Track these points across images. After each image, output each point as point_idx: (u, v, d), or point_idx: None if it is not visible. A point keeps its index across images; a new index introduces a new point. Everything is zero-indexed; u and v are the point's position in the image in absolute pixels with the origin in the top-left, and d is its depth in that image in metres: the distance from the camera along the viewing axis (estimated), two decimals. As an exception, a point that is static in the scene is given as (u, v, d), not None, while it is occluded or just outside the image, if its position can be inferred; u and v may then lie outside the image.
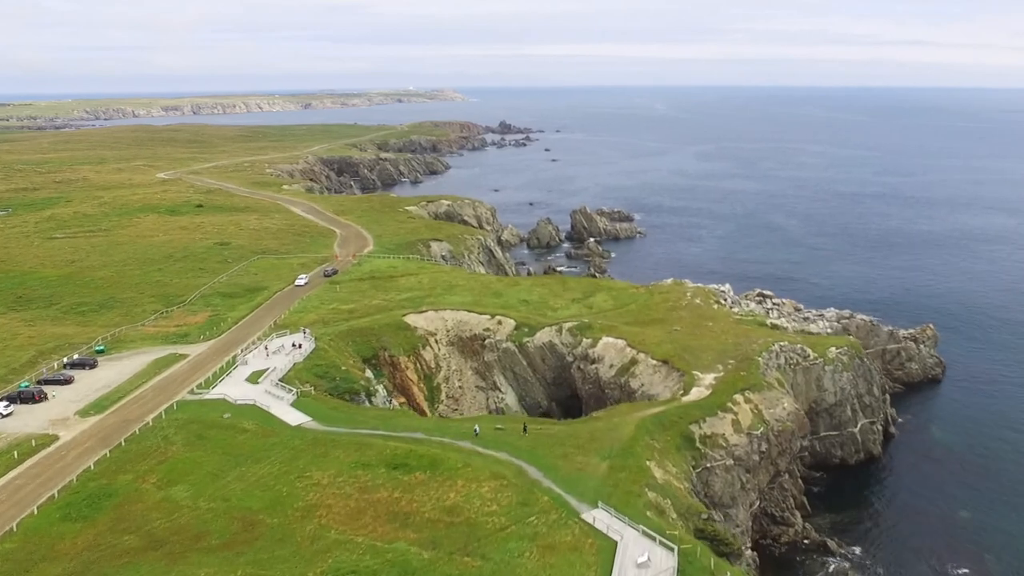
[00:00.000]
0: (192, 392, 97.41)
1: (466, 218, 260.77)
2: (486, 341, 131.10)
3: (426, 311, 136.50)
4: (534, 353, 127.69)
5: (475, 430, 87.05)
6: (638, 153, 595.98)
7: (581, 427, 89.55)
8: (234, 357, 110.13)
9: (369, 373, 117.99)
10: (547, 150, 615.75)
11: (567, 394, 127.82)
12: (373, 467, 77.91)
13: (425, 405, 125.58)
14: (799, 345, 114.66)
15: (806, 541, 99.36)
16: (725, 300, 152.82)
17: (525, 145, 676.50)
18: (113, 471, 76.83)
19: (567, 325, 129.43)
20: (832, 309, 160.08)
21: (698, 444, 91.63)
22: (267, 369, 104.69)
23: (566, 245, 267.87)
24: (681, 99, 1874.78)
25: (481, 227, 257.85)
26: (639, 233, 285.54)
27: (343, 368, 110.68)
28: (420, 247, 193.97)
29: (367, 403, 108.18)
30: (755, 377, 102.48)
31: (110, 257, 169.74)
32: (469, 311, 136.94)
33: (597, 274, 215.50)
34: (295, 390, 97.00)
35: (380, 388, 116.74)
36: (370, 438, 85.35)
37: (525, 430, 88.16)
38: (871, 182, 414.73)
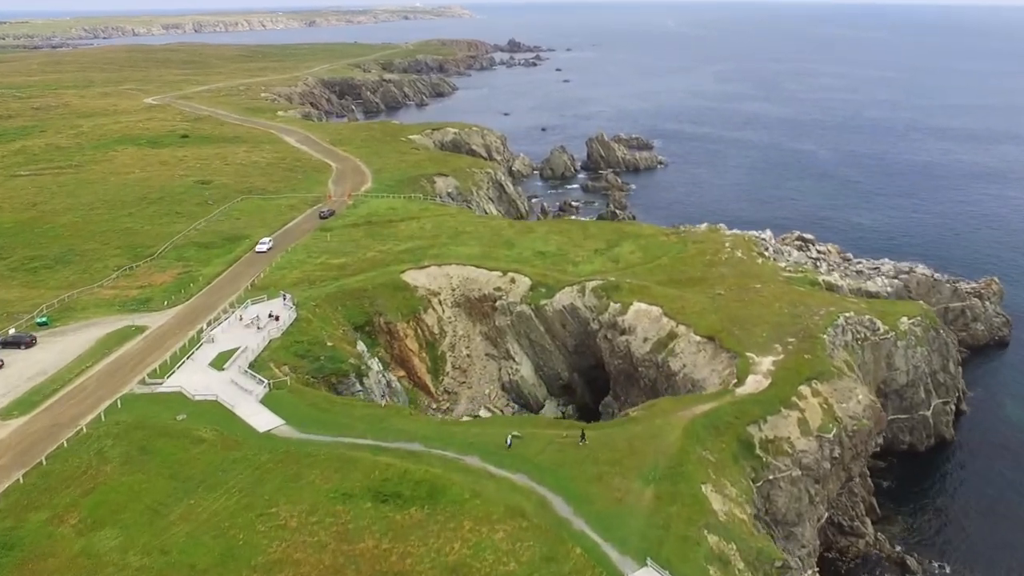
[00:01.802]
0: (143, 383, 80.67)
1: (474, 147, 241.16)
2: (497, 303, 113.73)
3: (428, 266, 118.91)
4: (553, 318, 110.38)
5: (507, 440, 70.19)
6: (653, 72, 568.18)
7: (616, 433, 72.62)
8: (199, 332, 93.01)
9: (361, 346, 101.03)
10: (558, 70, 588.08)
11: (591, 363, 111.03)
12: (356, 499, 61.32)
13: (428, 379, 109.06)
14: (867, 316, 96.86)
15: (879, 554, 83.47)
16: (767, 250, 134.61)
17: (535, 65, 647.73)
18: (24, 506, 60.38)
19: (591, 284, 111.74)
20: (887, 260, 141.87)
21: (758, 451, 74.85)
22: (237, 349, 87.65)
23: (582, 176, 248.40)
24: (695, 16, 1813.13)
25: (491, 157, 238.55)
26: (660, 163, 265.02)
27: (329, 344, 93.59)
28: (424, 183, 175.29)
29: (358, 386, 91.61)
30: (822, 361, 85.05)
31: (77, 199, 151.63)
32: (478, 266, 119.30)
33: (617, 211, 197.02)
34: (266, 381, 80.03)
35: (374, 363, 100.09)
36: (355, 451, 68.70)
37: (583, 438, 71.23)
38: (903, 106, 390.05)
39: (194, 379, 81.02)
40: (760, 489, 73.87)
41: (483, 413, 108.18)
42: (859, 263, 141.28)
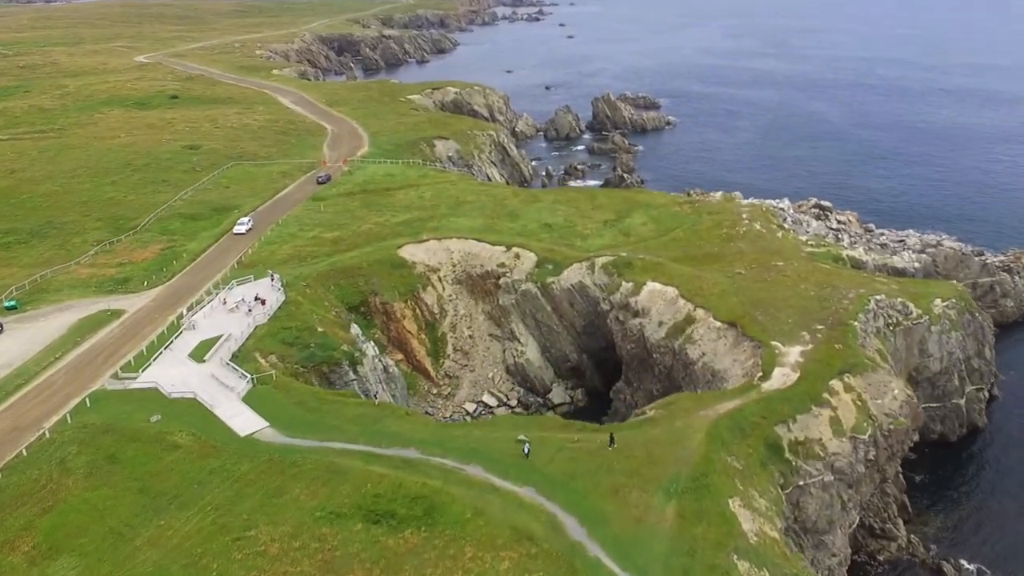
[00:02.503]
0: (116, 377, 74.00)
1: (476, 108, 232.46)
2: (501, 280, 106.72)
3: (427, 240, 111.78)
4: (560, 297, 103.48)
5: (525, 449, 63.40)
6: (659, 28, 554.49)
7: (633, 437, 65.98)
8: (180, 317, 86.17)
9: (355, 329, 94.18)
10: (562, 25, 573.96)
11: (601, 345, 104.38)
12: (345, 519, 54.88)
13: (427, 362, 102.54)
14: (899, 300, 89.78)
15: (912, 558, 77.43)
16: (785, 221, 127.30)
17: (538, 20, 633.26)
18: (-27, 531, 54.07)
19: (600, 260, 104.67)
20: (912, 232, 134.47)
21: (788, 454, 68.36)
22: (219, 338, 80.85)
23: (587, 137, 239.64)
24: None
25: (493, 118, 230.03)
26: (668, 124, 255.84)
27: (319, 330, 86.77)
28: (423, 147, 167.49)
29: (352, 374, 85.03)
30: (854, 352, 78.19)
31: (58, 166, 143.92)
32: (480, 240, 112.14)
33: (625, 175, 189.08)
34: (249, 376, 73.27)
35: (370, 347, 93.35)
36: (345, 458, 62.20)
37: (612, 442, 64.76)
38: (918, 64, 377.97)
39: (171, 373, 74.33)
40: (789, 496, 67.56)
41: (487, 398, 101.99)
42: (882, 234, 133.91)
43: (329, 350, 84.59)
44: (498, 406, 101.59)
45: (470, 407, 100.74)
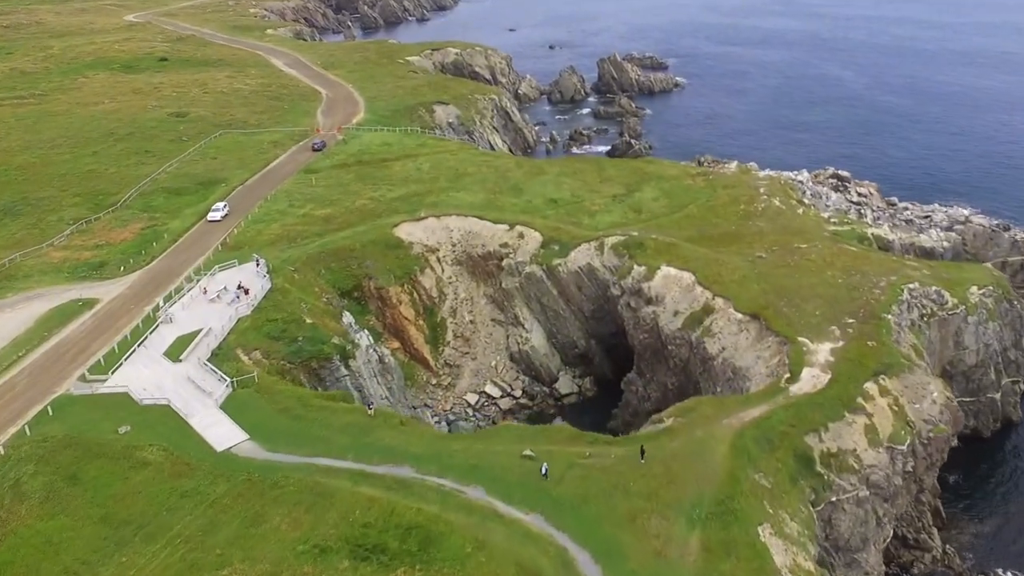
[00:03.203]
0: (83, 379, 67.70)
1: (477, 69, 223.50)
2: (504, 262, 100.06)
3: (425, 218, 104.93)
4: (567, 280, 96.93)
5: (542, 470, 57.05)
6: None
7: (650, 451, 59.63)
8: (156, 308, 79.66)
9: (348, 317, 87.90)
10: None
11: (611, 330, 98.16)
12: (331, 554, 48.85)
13: (426, 350, 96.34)
14: (933, 288, 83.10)
15: (947, 571, 71.73)
16: (804, 195, 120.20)
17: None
18: (-90, 571, 48.12)
19: (610, 240, 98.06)
20: (937, 206, 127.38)
21: (819, 467, 62.36)
22: (198, 333, 74.45)
23: (593, 99, 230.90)
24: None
25: (495, 81, 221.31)
26: (676, 85, 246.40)
27: (308, 321, 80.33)
28: (422, 113, 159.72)
29: (343, 370, 78.83)
30: (890, 350, 71.72)
31: (37, 135, 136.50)
32: (481, 218, 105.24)
33: (632, 140, 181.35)
34: (228, 380, 66.93)
35: (363, 337, 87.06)
36: (332, 478, 56.13)
37: (643, 455, 58.63)
38: (933, 23, 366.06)
39: (144, 374, 68.07)
40: (820, 512, 61.65)
41: (489, 388, 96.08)
42: (906, 209, 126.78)
43: (318, 344, 78.22)
44: (501, 397, 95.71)
45: (472, 398, 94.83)
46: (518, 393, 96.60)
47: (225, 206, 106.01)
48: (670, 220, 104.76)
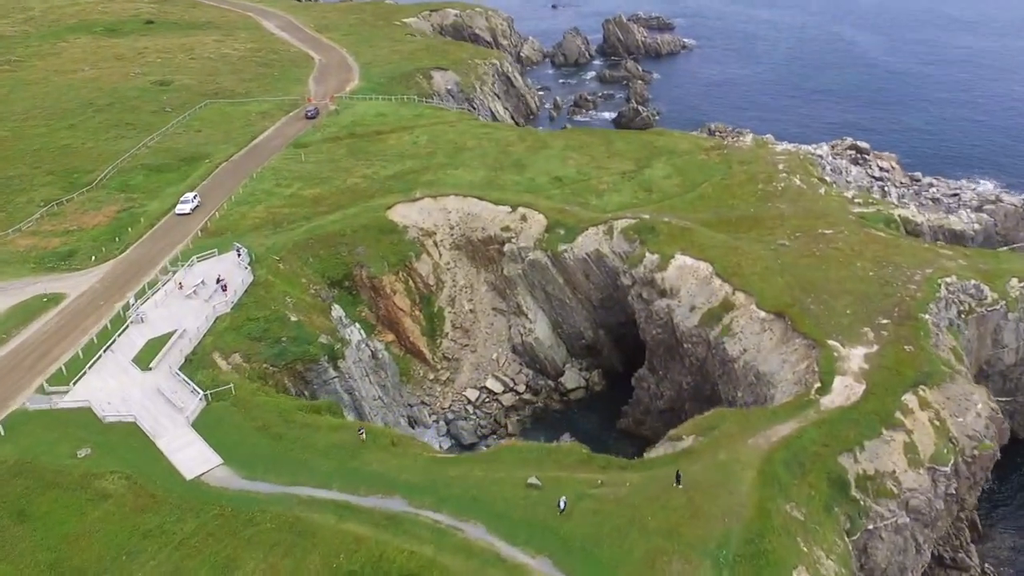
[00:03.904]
0: (42, 391, 61.44)
1: (478, 31, 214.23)
2: (505, 247, 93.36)
3: (421, 198, 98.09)
4: (574, 267, 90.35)
5: (560, 503, 50.85)
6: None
7: (668, 477, 53.54)
8: (127, 305, 73.10)
9: (337, 311, 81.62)
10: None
11: (620, 320, 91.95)
12: (310, 612, 42.93)
13: (423, 342, 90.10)
14: (972, 282, 76.41)
15: (987, 592, 66.19)
16: (824, 171, 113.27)
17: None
18: None
19: (620, 224, 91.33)
20: (963, 183, 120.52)
21: (854, 491, 56.25)
22: (171, 335, 68.03)
23: (598, 63, 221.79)
24: None
25: (496, 43, 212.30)
26: (683, 47, 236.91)
27: (293, 319, 73.94)
28: (419, 79, 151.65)
29: (331, 371, 72.76)
30: (929, 357, 65.24)
31: (9, 107, 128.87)
32: (481, 198, 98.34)
33: (640, 106, 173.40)
34: (202, 393, 60.64)
35: (355, 331, 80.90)
36: (314, 511, 50.12)
37: (679, 480, 52.64)
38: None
39: (110, 385, 61.84)
40: (856, 542, 55.71)
41: (491, 383, 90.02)
42: (931, 185, 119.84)
43: (304, 344, 71.93)
44: (504, 392, 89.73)
45: (472, 394, 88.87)
46: (521, 388, 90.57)
47: (195, 197, 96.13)
48: (683, 201, 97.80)
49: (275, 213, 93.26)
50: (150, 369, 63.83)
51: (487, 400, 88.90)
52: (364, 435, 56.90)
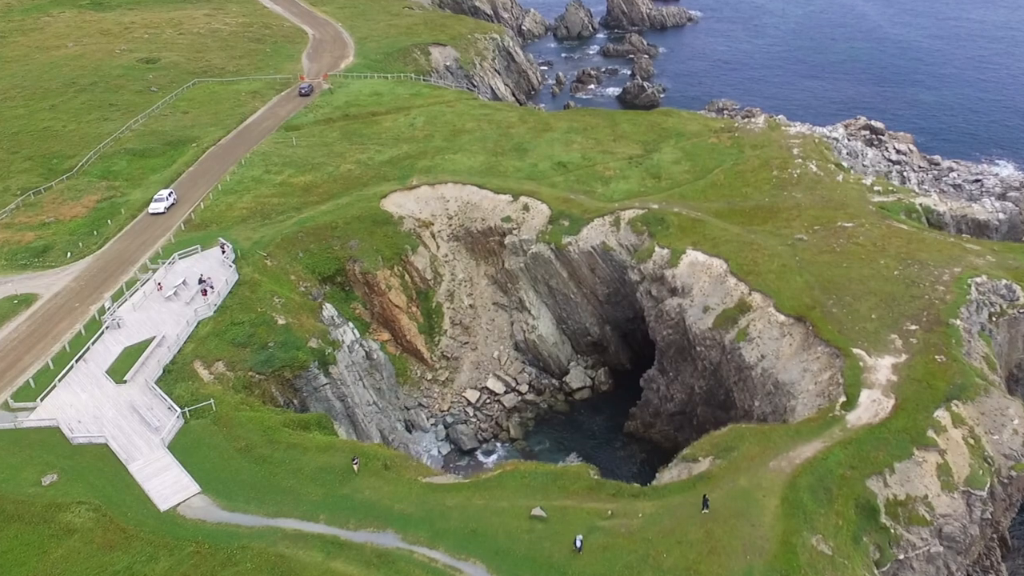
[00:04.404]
0: (7, 408, 57.02)
1: (478, 4, 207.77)
2: (506, 239, 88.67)
3: (418, 186, 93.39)
4: (579, 261, 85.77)
5: (576, 542, 46.40)
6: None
7: (684, 507, 49.36)
8: (103, 309, 68.54)
9: (329, 310, 77.13)
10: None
11: (628, 316, 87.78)
12: (291, 673, 38.77)
13: (420, 341, 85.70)
14: (1003, 281, 71.66)
15: (1017, 613, 62.24)
16: (840, 153, 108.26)
17: None
18: None
19: (627, 214, 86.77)
20: (984, 166, 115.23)
21: (884, 519, 52.01)
22: (149, 342, 63.53)
23: (602, 36, 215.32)
24: None
25: (497, 16, 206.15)
26: (689, 20, 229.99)
27: (281, 323, 69.39)
28: (417, 55, 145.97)
29: (322, 378, 68.38)
30: (962, 367, 60.70)
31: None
32: (481, 186, 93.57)
33: (644, 82, 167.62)
34: (179, 410, 56.21)
35: (348, 331, 76.58)
36: (299, 547, 45.96)
37: (706, 504, 48.63)
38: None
39: (81, 400, 57.43)
40: (885, 572, 51.55)
41: (492, 383, 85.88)
42: (950, 170, 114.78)
43: (292, 350, 67.42)
44: (505, 392, 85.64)
45: (472, 395, 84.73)
46: (524, 388, 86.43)
47: (171, 194, 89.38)
48: (694, 189, 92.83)
49: (263, 203, 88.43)
50: (125, 382, 59.37)
51: (488, 401, 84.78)
52: (358, 465, 52.36)
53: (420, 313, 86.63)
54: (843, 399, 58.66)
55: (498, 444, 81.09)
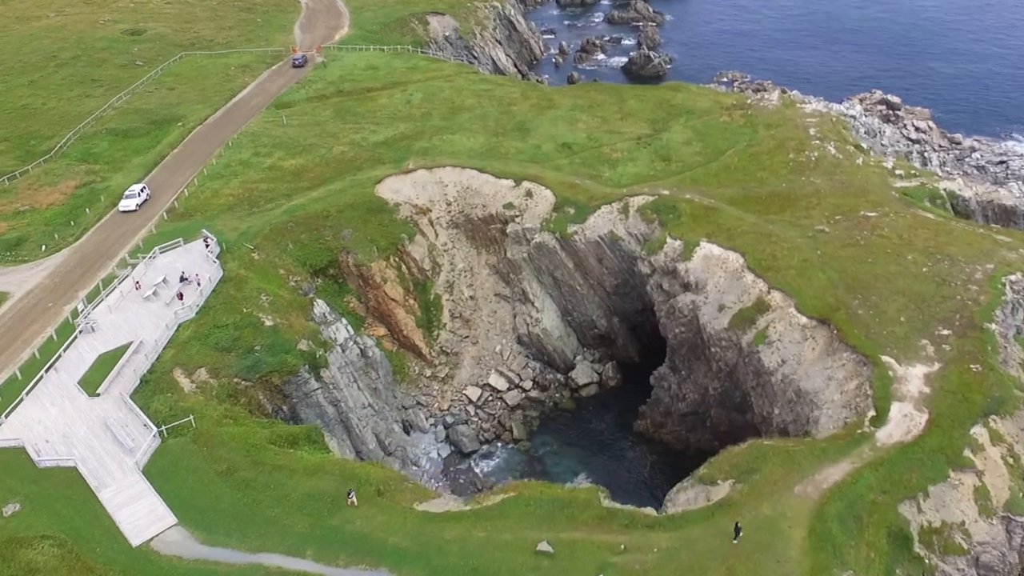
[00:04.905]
0: (-31, 426, 52.76)
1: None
2: (508, 227, 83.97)
3: (414, 170, 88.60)
4: (586, 251, 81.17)
5: None
6: None
7: (703, 540, 45.29)
8: (76, 312, 64.07)
9: (321, 307, 72.81)
10: None
11: (637, 307, 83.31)
12: None
13: (418, 335, 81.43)
14: (1038, 278, 67.17)
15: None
16: (857, 132, 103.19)
17: None
18: None
19: (636, 201, 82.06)
20: (1010, 148, 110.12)
21: (917, 548, 47.97)
22: (125, 349, 59.18)
23: (606, 2, 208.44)
24: None
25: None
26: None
27: (268, 324, 64.99)
28: (414, 25, 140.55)
29: (313, 382, 64.20)
30: (999, 377, 56.31)
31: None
32: (481, 170, 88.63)
33: (650, 51, 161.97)
34: (155, 428, 51.94)
35: (341, 328, 72.21)
36: (283, 591, 41.86)
37: (738, 533, 44.90)
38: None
39: (50, 417, 53.17)
40: (919, 607, 47.66)
41: (494, 379, 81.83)
42: (973, 150, 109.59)
43: (281, 353, 63.09)
44: (508, 389, 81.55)
45: (473, 393, 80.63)
46: (528, 385, 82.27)
47: (144, 190, 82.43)
48: (706, 173, 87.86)
49: (251, 189, 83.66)
50: (98, 395, 55.06)
51: (490, 399, 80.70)
52: (355, 500, 47.93)
53: (418, 306, 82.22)
54: (872, 413, 54.37)
55: (500, 445, 77.20)
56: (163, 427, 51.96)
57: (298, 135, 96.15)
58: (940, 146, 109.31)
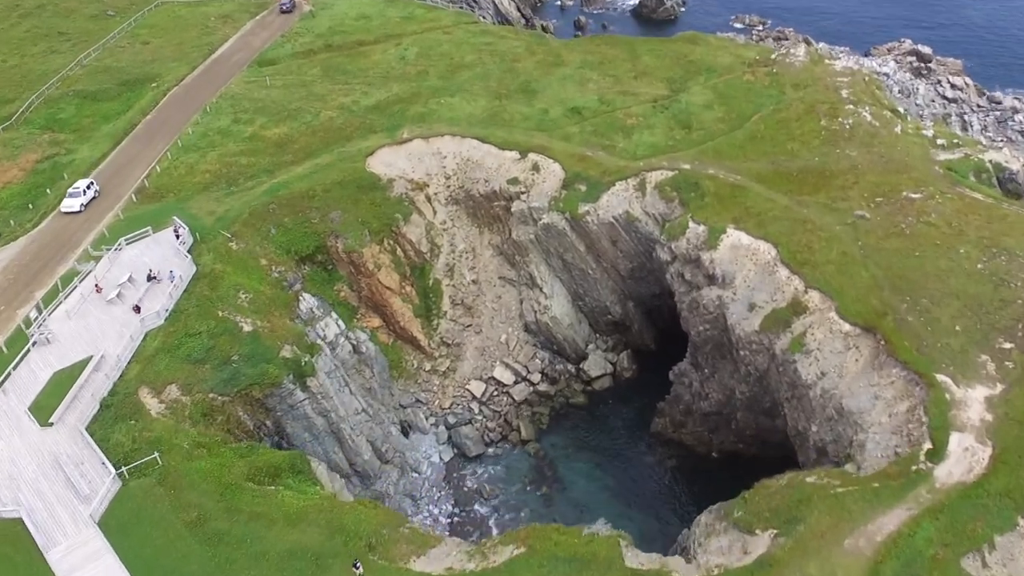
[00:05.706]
0: (-98, 467, 46.22)
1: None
2: (514, 205, 76.59)
3: (409, 140, 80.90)
4: (599, 232, 73.97)
5: None
6: None
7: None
8: (28, 320, 57.10)
9: (308, 301, 66.09)
10: None
11: (654, 292, 76.46)
12: None
13: (416, 326, 74.88)
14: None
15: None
16: (891, 91, 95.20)
17: None
18: None
19: (654, 177, 74.60)
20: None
21: (985, 611, 41.98)
22: (86, 363, 52.42)
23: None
24: None
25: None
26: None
27: (247, 329, 58.14)
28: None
29: (299, 393, 57.79)
30: (1076, 402, 49.71)
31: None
32: (483, 140, 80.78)
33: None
34: (114, 471, 45.44)
35: (331, 322, 65.63)
36: None
37: None
38: None
39: (-5, 453, 46.65)
40: (985, 677, 41.93)
41: (499, 372, 75.82)
42: (1015, 111, 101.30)
43: (261, 363, 56.42)
44: (515, 383, 75.36)
45: (477, 388, 74.52)
46: (536, 377, 76.01)
47: (91, 185, 72.02)
48: (730, 143, 79.86)
49: (230, 164, 75.96)
50: (51, 424, 48.46)
51: (495, 394, 74.55)
52: (361, 570, 41.48)
53: (415, 293, 75.35)
54: (928, 446, 47.88)
55: (507, 448, 71.26)
56: (123, 468, 45.44)
57: (282, 98, 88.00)
58: (979, 106, 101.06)
